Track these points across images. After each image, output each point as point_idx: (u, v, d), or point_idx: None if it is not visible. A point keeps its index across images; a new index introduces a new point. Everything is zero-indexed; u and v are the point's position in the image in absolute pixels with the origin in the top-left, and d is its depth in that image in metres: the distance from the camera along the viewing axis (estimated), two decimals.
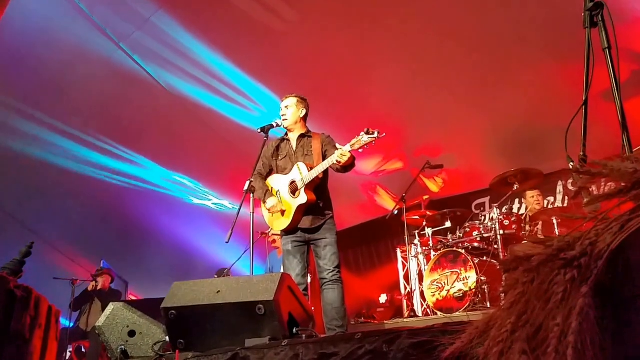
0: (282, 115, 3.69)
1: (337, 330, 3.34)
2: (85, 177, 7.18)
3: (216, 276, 6.57)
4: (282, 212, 3.58)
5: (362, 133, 3.28)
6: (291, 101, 3.70)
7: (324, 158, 3.55)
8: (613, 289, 0.87)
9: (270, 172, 3.78)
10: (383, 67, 5.59)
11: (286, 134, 3.77)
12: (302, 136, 3.70)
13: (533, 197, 5.41)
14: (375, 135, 3.25)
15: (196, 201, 7.75)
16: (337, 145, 3.44)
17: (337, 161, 3.34)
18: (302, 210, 3.52)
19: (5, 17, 4.53)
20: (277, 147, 3.75)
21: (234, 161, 6.54)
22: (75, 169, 7.06)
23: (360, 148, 3.31)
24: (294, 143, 3.71)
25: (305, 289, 3.49)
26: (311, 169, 3.50)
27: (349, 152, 3.31)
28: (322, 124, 5.72)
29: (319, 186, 3.57)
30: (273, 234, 5.85)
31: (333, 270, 3.45)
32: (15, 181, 6.92)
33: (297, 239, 3.57)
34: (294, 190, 3.55)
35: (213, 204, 7.72)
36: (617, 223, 0.91)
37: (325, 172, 3.58)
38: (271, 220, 3.70)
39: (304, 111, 3.73)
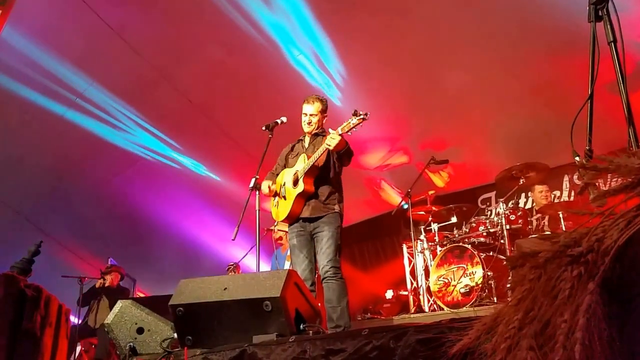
0: (308, 122, 3.71)
1: (331, 331, 3.22)
2: (91, 174, 7.22)
3: (231, 266, 6.60)
4: (284, 197, 3.63)
5: (352, 115, 3.35)
6: (317, 108, 3.71)
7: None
8: (620, 285, 0.87)
9: None
10: (387, 60, 5.58)
11: (303, 136, 3.83)
12: (315, 135, 3.77)
13: (542, 192, 5.38)
14: (362, 116, 3.30)
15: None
16: (330, 130, 3.45)
17: (327, 144, 3.37)
18: (302, 200, 3.55)
19: None
20: (292, 148, 3.86)
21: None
22: (83, 167, 7.09)
23: (349, 131, 3.35)
24: (307, 142, 3.79)
25: (313, 285, 3.48)
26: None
27: (339, 135, 3.34)
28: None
29: (321, 177, 3.58)
30: (279, 230, 5.87)
31: (326, 265, 3.40)
32: (23, 180, 6.96)
33: (299, 230, 3.59)
34: (295, 180, 3.60)
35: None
36: (623, 219, 0.90)
37: (332, 165, 3.61)
38: (275, 211, 3.76)
39: (326, 117, 3.80)
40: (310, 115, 3.70)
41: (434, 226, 5.77)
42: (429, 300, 5.56)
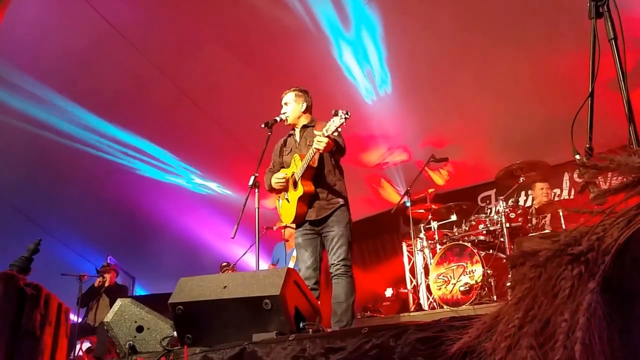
0: (283, 113, 3.65)
1: (334, 326, 3.26)
2: (92, 173, 7.21)
3: (224, 267, 6.59)
4: (295, 184, 3.51)
5: (332, 116, 3.20)
6: (290, 97, 3.66)
7: None
8: (620, 284, 0.87)
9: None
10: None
11: (292, 129, 3.73)
12: (304, 127, 3.65)
13: (542, 189, 5.37)
14: (340, 114, 3.16)
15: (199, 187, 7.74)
16: (315, 132, 3.33)
17: (316, 148, 3.25)
18: (304, 202, 3.47)
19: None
20: (284, 143, 3.75)
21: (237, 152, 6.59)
22: (82, 165, 7.08)
23: (334, 131, 3.22)
24: (297, 136, 3.67)
25: (316, 283, 3.43)
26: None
27: (326, 137, 3.22)
28: (323, 115, 5.71)
29: (318, 175, 3.49)
30: (280, 225, 5.84)
31: (338, 264, 3.37)
32: (23, 176, 6.96)
33: (306, 231, 3.52)
34: (294, 183, 3.52)
35: (217, 186, 7.73)
36: (624, 218, 0.90)
37: (327, 160, 3.51)
38: (282, 212, 3.69)
39: (304, 104, 3.66)
40: (285, 104, 3.65)
41: (434, 224, 5.77)
42: (428, 299, 5.57)
